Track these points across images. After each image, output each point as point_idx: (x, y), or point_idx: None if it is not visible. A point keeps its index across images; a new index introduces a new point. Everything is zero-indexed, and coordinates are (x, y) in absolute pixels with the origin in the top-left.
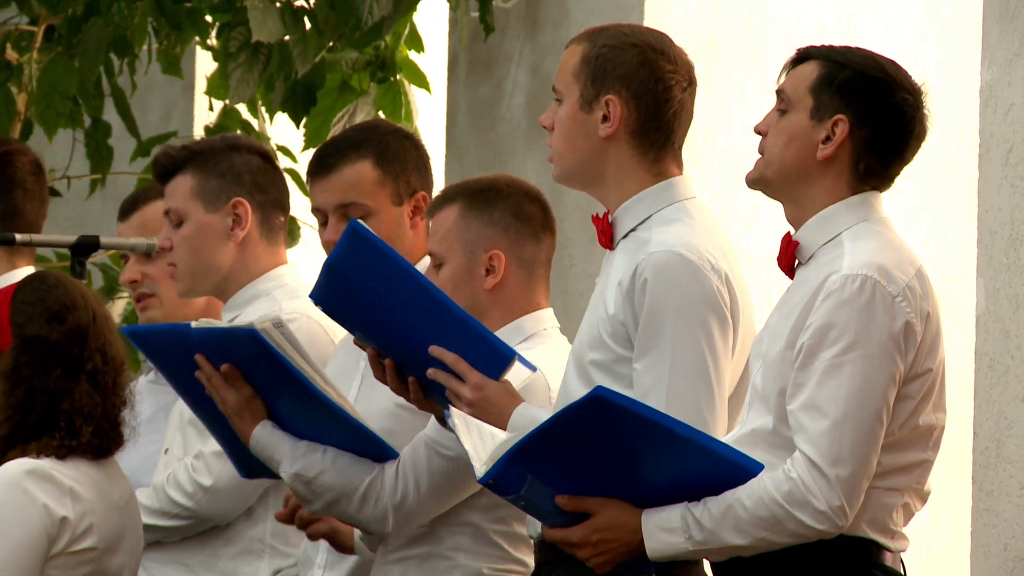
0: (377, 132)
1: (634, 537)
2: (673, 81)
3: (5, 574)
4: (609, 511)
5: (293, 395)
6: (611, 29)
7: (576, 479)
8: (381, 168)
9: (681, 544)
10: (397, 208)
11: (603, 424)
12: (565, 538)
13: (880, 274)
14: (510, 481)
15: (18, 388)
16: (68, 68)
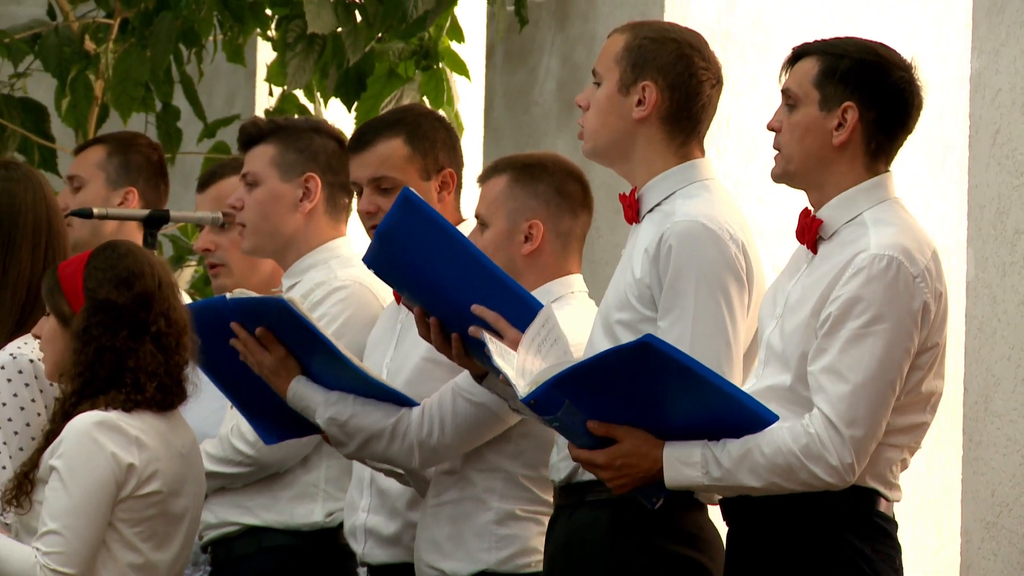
0: (410, 114)
1: (653, 465)
2: (705, 77)
3: (78, 516)
4: (634, 439)
5: (320, 356)
6: (653, 24)
7: (608, 408)
8: (411, 145)
9: (698, 478)
10: (425, 183)
11: (645, 366)
12: (591, 459)
13: (904, 256)
14: (549, 403)
15: (88, 347)
16: (141, 57)
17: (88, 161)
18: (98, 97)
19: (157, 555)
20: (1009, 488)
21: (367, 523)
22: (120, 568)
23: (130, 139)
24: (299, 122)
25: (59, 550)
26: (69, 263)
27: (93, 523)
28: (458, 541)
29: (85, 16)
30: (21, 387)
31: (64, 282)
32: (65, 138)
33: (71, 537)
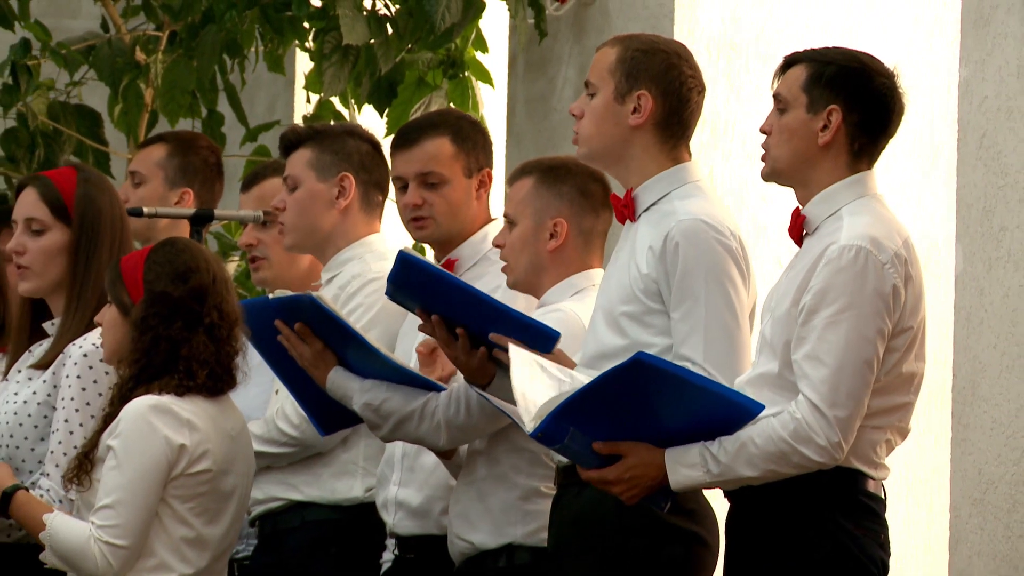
0: (451, 116)
1: (659, 472)
2: (692, 85)
3: (132, 492)
4: (638, 452)
5: (353, 348)
6: (641, 36)
7: (610, 427)
8: (456, 144)
9: (700, 477)
10: (467, 180)
11: (637, 382)
12: (602, 477)
13: (872, 244)
14: (555, 433)
15: (145, 335)
16: (188, 67)
17: (150, 159)
18: (148, 104)
19: (208, 529)
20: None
21: (397, 496)
22: (173, 541)
23: (191, 140)
24: (334, 127)
25: (113, 523)
26: (130, 257)
27: (146, 499)
28: (486, 515)
29: (136, 29)
30: (101, 374)
31: (125, 274)
32: (117, 142)
33: (125, 512)
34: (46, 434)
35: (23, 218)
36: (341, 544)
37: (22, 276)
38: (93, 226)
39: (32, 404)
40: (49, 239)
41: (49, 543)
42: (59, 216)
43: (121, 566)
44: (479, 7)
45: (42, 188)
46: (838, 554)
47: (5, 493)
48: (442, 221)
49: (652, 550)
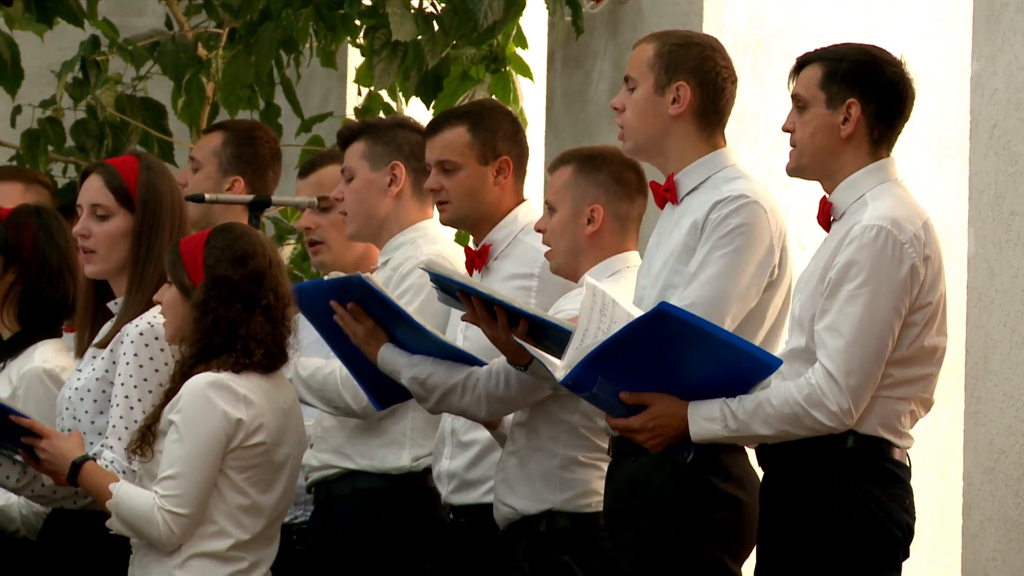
0: (479, 107)
1: (681, 424)
2: (726, 75)
3: (192, 464)
4: (662, 403)
5: (402, 326)
6: (675, 32)
7: (636, 379)
8: (473, 134)
9: (718, 431)
10: (482, 167)
11: (662, 333)
12: (627, 426)
13: (893, 225)
14: (584, 382)
15: (206, 317)
16: (246, 62)
17: (207, 146)
18: (209, 97)
19: (263, 498)
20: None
21: (449, 468)
22: (230, 509)
23: (250, 130)
24: (385, 120)
25: (175, 493)
26: (190, 240)
27: (205, 470)
28: (527, 483)
29: (198, 26)
30: (157, 351)
31: (185, 257)
32: (180, 133)
33: (185, 482)
34: (105, 408)
35: (88, 203)
36: (389, 510)
37: (87, 259)
38: (154, 212)
39: (91, 380)
40: (113, 224)
41: (115, 511)
42: (122, 202)
43: (182, 533)
44: (520, 5)
45: (107, 175)
46: (866, 518)
47: (75, 463)
48: (458, 205)
49: (702, 514)
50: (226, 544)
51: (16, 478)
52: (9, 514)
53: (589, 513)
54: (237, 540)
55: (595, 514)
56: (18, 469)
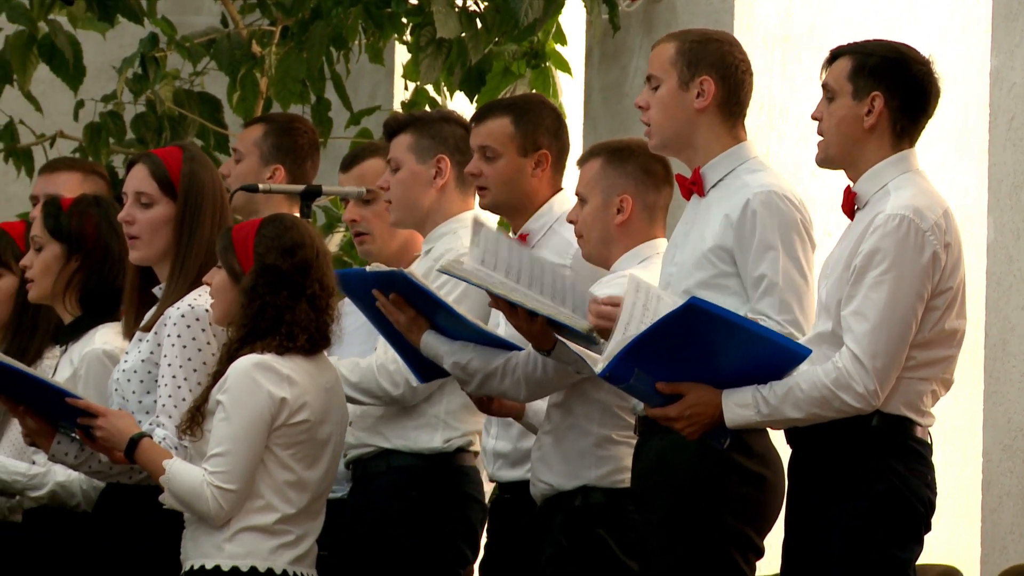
0: (526, 100)
1: (716, 411)
2: (744, 68)
3: (240, 441)
4: (697, 392)
5: (442, 314)
6: (692, 31)
7: (671, 369)
8: (515, 125)
9: (751, 416)
10: (522, 158)
11: (693, 326)
12: (664, 415)
13: (914, 214)
14: (621, 373)
15: (254, 303)
16: (298, 58)
17: (249, 138)
18: (263, 92)
19: (307, 473)
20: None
21: (495, 447)
22: (277, 485)
23: (288, 122)
24: (431, 114)
25: (223, 469)
26: (242, 227)
27: (252, 447)
28: (564, 460)
29: (252, 24)
30: (198, 332)
31: (237, 244)
32: (235, 126)
33: (233, 459)
34: (151, 387)
35: (133, 191)
36: (421, 488)
37: (132, 245)
38: (196, 201)
39: (138, 362)
40: (156, 212)
41: (168, 486)
42: (166, 191)
43: (231, 507)
44: (559, 3)
45: (151, 165)
46: (890, 493)
47: (132, 440)
48: (495, 191)
49: (726, 490)
50: (273, 518)
51: (74, 455)
52: (71, 489)
53: (622, 489)
54: (283, 514)
55: (628, 490)
56: (76, 447)
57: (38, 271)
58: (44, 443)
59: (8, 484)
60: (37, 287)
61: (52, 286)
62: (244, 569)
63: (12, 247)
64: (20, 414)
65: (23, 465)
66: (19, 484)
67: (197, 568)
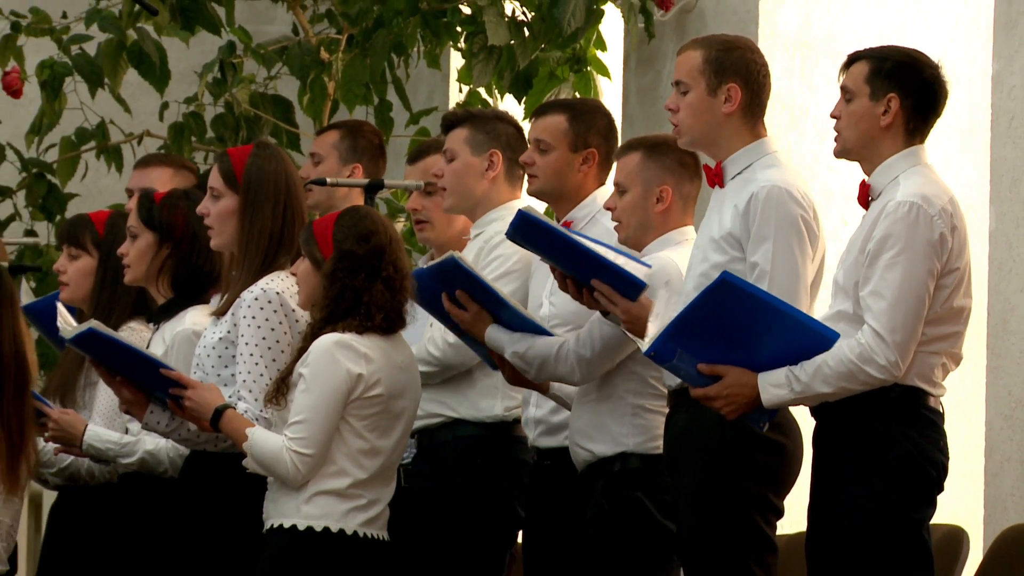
0: (581, 102)
1: (752, 392)
2: (764, 72)
3: (318, 412)
4: (734, 374)
5: (496, 305)
6: (715, 38)
7: (711, 351)
8: (569, 123)
9: (785, 395)
10: (571, 153)
11: (728, 303)
12: (705, 394)
13: (923, 200)
14: (665, 353)
15: (334, 285)
16: (363, 64)
17: (326, 142)
18: (330, 94)
19: (380, 442)
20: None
21: (536, 415)
22: (351, 452)
23: (359, 126)
24: (487, 112)
25: (301, 436)
26: (322, 220)
27: (329, 417)
28: (602, 429)
29: (321, 33)
30: (271, 313)
31: (318, 234)
32: (305, 125)
33: (311, 427)
34: (229, 362)
35: (208, 186)
36: (484, 456)
37: (209, 235)
38: (255, 192)
39: (215, 340)
40: (223, 204)
41: (250, 451)
42: (230, 184)
43: (308, 471)
44: (599, 14)
45: (221, 162)
46: (906, 458)
47: (217, 410)
48: (543, 180)
49: (747, 458)
50: (346, 482)
51: (165, 423)
52: (159, 457)
53: (658, 455)
54: (355, 479)
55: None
56: (167, 416)
57: (133, 257)
58: (138, 412)
59: (102, 452)
60: (132, 271)
61: (146, 271)
62: (318, 529)
63: (91, 231)
64: (116, 384)
65: (115, 434)
66: (111, 452)
67: (276, 526)
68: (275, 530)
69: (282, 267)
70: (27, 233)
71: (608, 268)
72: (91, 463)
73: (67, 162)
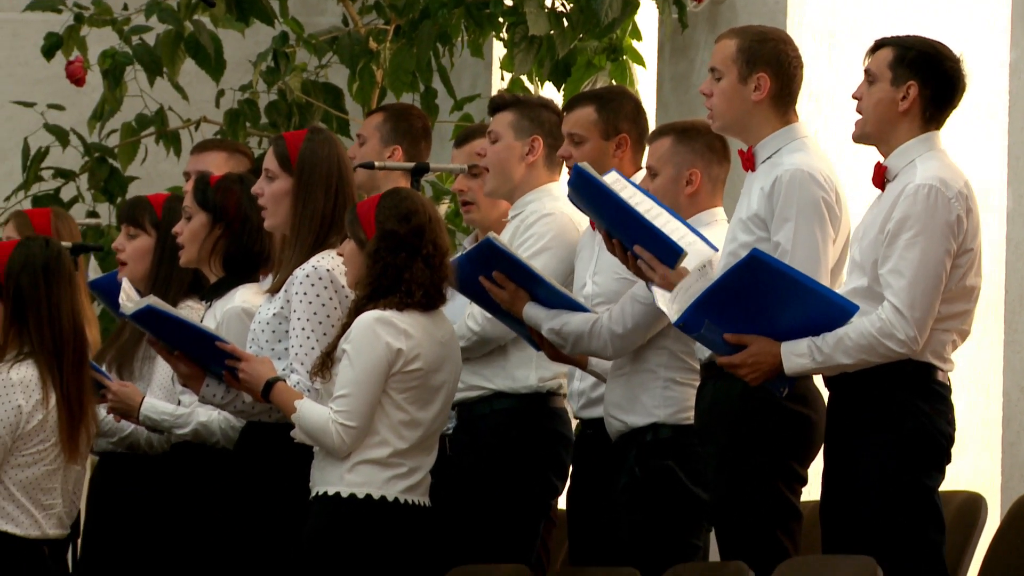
0: (608, 91)
1: (776, 360)
2: (796, 64)
3: (360, 385)
4: (759, 343)
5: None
6: (751, 28)
7: (737, 322)
8: (598, 113)
9: (807, 364)
10: (604, 142)
11: (756, 279)
12: (731, 362)
13: (941, 184)
14: (693, 323)
15: (376, 264)
16: (409, 53)
17: (370, 124)
18: (378, 82)
19: (420, 414)
20: None
21: (579, 388)
22: (392, 423)
23: (404, 110)
24: (532, 98)
25: (346, 408)
26: (365, 202)
27: (371, 390)
28: (635, 401)
29: (369, 23)
30: (321, 289)
31: (361, 216)
32: (355, 112)
33: (354, 400)
34: (282, 336)
35: (264, 168)
36: (520, 428)
37: (263, 215)
38: (309, 174)
39: (269, 315)
40: (277, 185)
41: (298, 422)
42: (284, 167)
43: (352, 442)
44: (635, 5)
45: (276, 145)
46: (917, 429)
47: (268, 382)
48: None
49: (772, 427)
50: (387, 452)
51: (221, 396)
52: (211, 428)
53: (687, 425)
54: (396, 449)
55: (692, 426)
56: (223, 389)
57: (187, 237)
58: (195, 385)
59: (157, 423)
60: (186, 251)
61: (199, 250)
62: (360, 496)
63: (150, 213)
64: (174, 359)
65: (170, 406)
66: (167, 423)
67: (321, 494)
68: (320, 497)
69: (332, 247)
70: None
71: (650, 231)
72: (150, 433)
73: (128, 147)
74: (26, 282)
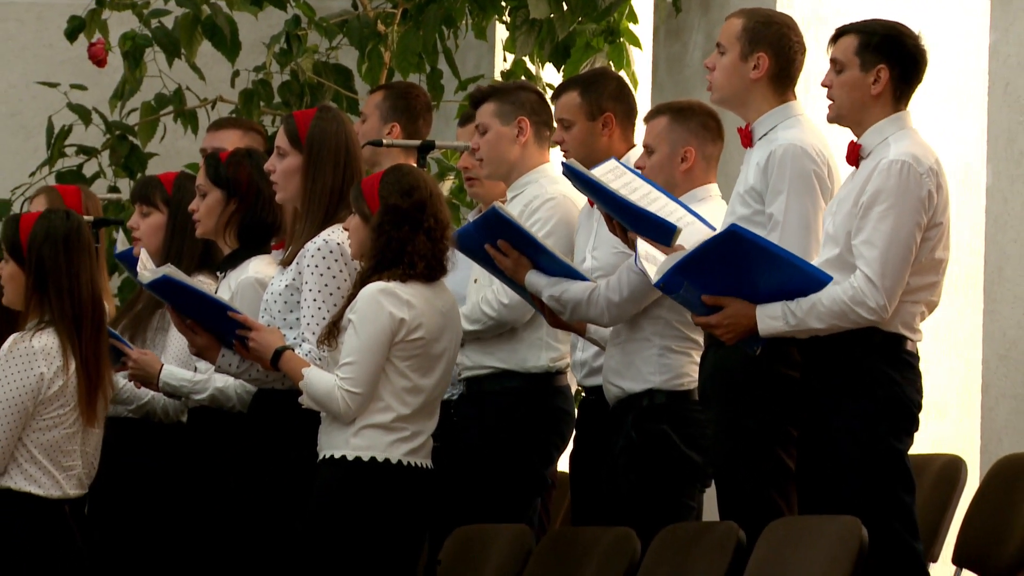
0: (590, 73)
1: (750, 322)
2: (798, 48)
3: (365, 353)
4: (735, 305)
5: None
6: (759, 11)
7: (715, 285)
8: (582, 96)
9: (781, 326)
10: (591, 123)
11: (734, 250)
12: (707, 322)
13: (913, 160)
14: (673, 285)
15: (381, 238)
16: (416, 36)
17: (371, 102)
18: (386, 63)
19: (422, 381)
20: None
21: (581, 358)
22: (395, 390)
23: (404, 88)
24: (508, 84)
25: (351, 376)
26: (369, 178)
27: (375, 358)
28: (631, 368)
29: (378, 7)
30: (332, 262)
31: (365, 191)
32: (364, 92)
33: (359, 367)
34: (294, 307)
35: (276, 145)
36: (528, 406)
37: (275, 190)
38: (318, 151)
39: (282, 286)
40: (287, 161)
41: (306, 389)
42: (294, 144)
43: (357, 407)
44: None
45: (287, 123)
46: (888, 396)
47: (277, 351)
48: (574, 152)
49: (768, 393)
50: (390, 416)
51: (236, 365)
52: (228, 393)
53: (682, 391)
54: (399, 414)
55: (687, 392)
56: (238, 359)
57: (203, 212)
58: (211, 355)
59: (176, 389)
60: (202, 226)
61: (215, 224)
62: (365, 459)
63: (160, 190)
64: (187, 329)
65: (188, 373)
66: (185, 389)
67: (328, 457)
68: (327, 460)
69: (342, 220)
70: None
71: (641, 216)
72: (166, 401)
73: (147, 125)
74: (47, 253)
